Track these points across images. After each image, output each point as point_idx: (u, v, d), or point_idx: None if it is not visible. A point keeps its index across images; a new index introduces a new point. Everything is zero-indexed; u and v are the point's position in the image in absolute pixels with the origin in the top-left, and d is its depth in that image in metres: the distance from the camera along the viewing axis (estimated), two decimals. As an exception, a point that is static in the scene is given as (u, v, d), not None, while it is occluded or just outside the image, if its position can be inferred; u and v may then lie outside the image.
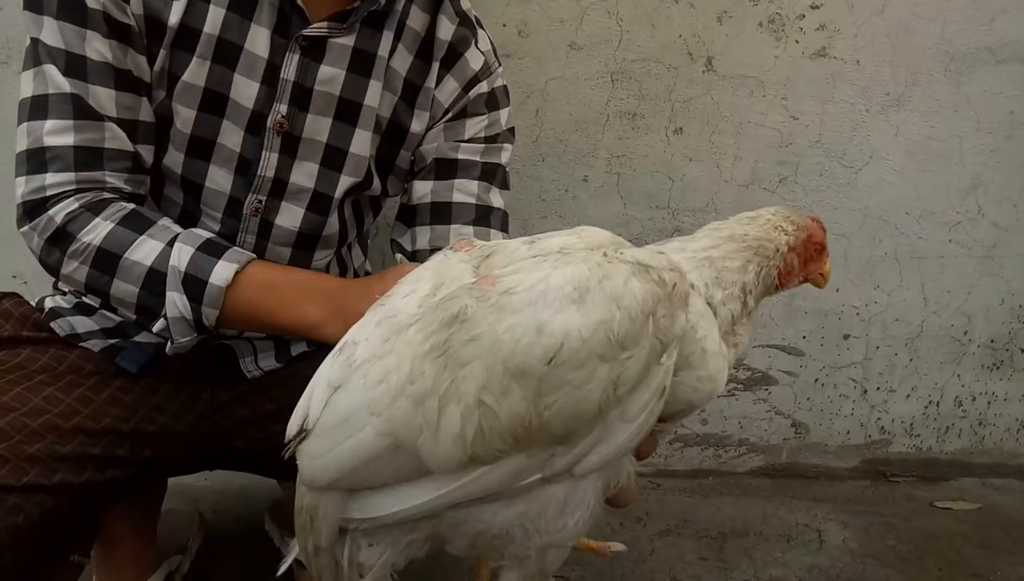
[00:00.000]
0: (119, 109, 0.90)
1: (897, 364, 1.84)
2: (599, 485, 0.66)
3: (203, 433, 1.03)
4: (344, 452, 0.63)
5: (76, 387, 0.96)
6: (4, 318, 1.01)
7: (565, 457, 0.63)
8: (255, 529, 1.46)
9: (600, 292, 0.61)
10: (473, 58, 1.06)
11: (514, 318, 0.60)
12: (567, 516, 0.65)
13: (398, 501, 0.64)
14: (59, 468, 0.89)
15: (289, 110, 0.96)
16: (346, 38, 0.97)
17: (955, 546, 1.61)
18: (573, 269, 0.62)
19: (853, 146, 1.69)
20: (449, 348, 0.61)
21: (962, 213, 1.76)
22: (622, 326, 0.60)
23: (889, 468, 1.90)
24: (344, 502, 0.66)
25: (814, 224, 0.77)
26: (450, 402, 0.60)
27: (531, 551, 0.65)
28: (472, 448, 0.61)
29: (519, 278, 0.63)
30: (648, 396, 0.63)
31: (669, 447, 1.85)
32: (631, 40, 1.58)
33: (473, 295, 0.63)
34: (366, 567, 0.68)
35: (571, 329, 0.59)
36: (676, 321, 0.63)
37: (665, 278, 0.64)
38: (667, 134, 1.64)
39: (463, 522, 0.65)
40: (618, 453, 0.64)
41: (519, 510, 0.64)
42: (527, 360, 0.59)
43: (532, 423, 0.60)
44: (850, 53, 1.63)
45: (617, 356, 0.60)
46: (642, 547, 1.55)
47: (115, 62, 0.89)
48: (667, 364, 0.63)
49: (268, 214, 1.01)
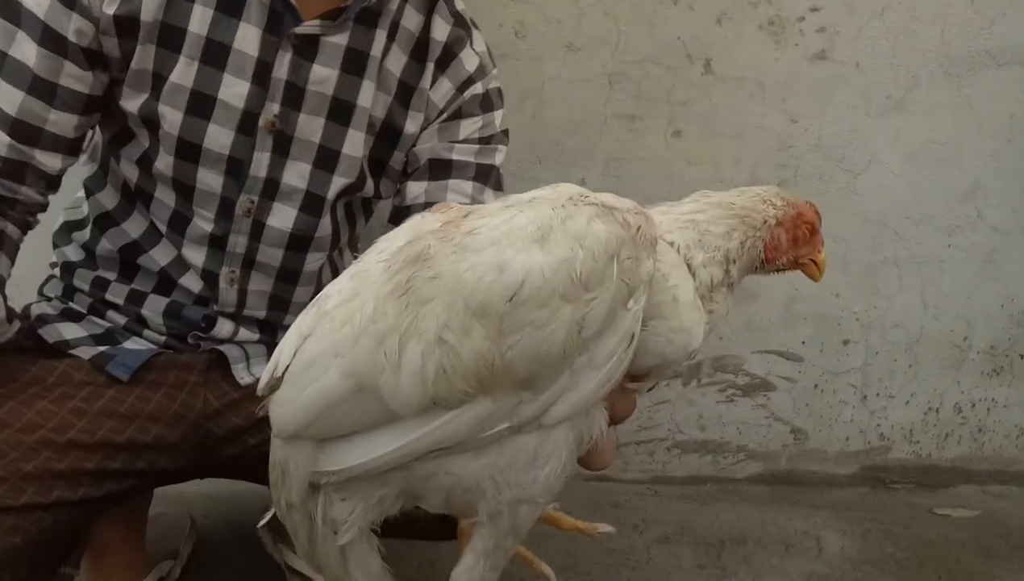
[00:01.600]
0: (21, 111, 0.88)
1: (896, 370, 1.83)
2: (570, 437, 0.65)
3: (196, 442, 1.02)
4: (310, 396, 0.63)
5: (68, 399, 0.94)
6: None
7: (532, 404, 0.62)
8: (247, 535, 1.45)
9: (563, 232, 0.61)
10: (468, 59, 1.06)
11: (476, 257, 0.61)
12: (537, 469, 0.65)
13: (367, 451, 0.64)
14: (55, 486, 0.88)
15: (281, 109, 0.95)
16: (339, 37, 0.96)
17: (954, 553, 1.60)
18: (537, 211, 0.63)
19: (853, 149, 1.68)
20: (411, 287, 0.61)
21: (962, 217, 1.75)
22: (585, 265, 0.60)
23: (888, 475, 1.89)
24: (314, 454, 0.66)
25: (807, 205, 0.77)
26: (411, 340, 0.60)
27: (503, 505, 0.65)
28: (434, 388, 0.60)
29: (484, 221, 0.63)
30: (616, 342, 0.62)
31: (667, 453, 1.83)
32: (629, 41, 1.57)
33: (437, 236, 0.63)
34: (339, 523, 0.67)
35: (533, 268, 0.60)
36: (642, 264, 0.63)
37: (629, 220, 0.64)
38: (666, 136, 1.63)
39: (433, 475, 0.65)
40: (587, 402, 0.64)
41: (488, 461, 0.64)
42: (488, 298, 0.59)
43: (495, 364, 0.60)
44: (850, 56, 1.62)
45: (580, 297, 0.60)
46: (639, 555, 1.54)
47: (37, 68, 0.88)
48: (635, 310, 0.62)
49: (260, 215, 1.00)
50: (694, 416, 1.82)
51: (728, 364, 1.80)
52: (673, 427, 1.82)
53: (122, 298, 1.04)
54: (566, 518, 0.87)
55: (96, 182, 1.06)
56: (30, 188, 0.93)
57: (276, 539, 1.35)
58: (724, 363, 1.80)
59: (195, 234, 1.00)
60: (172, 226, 1.01)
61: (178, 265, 1.03)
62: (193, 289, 1.03)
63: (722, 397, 1.81)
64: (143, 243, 1.03)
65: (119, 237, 1.03)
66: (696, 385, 1.80)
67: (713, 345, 1.78)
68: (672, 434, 1.83)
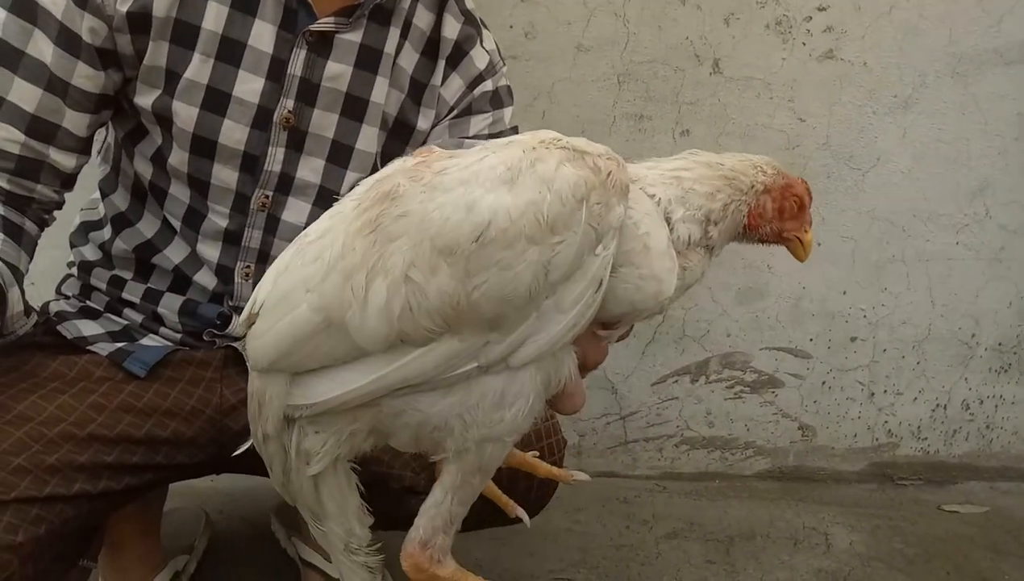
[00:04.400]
0: (39, 109, 0.90)
1: (904, 367, 1.83)
2: (538, 379, 0.66)
3: (213, 437, 1.04)
4: (283, 329, 0.64)
5: (88, 394, 0.96)
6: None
7: (500, 345, 0.62)
8: (261, 530, 1.47)
9: (531, 174, 0.61)
10: (478, 57, 1.07)
11: (444, 196, 0.61)
12: (504, 408, 0.65)
13: (337, 386, 0.65)
14: (77, 478, 0.89)
15: (296, 105, 0.97)
16: (353, 34, 0.97)
17: (962, 549, 1.60)
18: (507, 152, 0.63)
19: (860, 148, 1.69)
20: (380, 225, 0.61)
21: (970, 216, 1.76)
22: (552, 208, 0.60)
23: (896, 471, 1.89)
24: (288, 387, 0.67)
25: (798, 180, 0.75)
26: (377, 276, 0.61)
27: (470, 443, 0.65)
28: (400, 325, 0.61)
29: (455, 161, 0.64)
30: (583, 287, 0.62)
31: (675, 450, 1.84)
32: (638, 42, 1.58)
33: (407, 175, 0.63)
34: (311, 454, 0.69)
35: (500, 208, 0.60)
36: (612, 210, 0.62)
37: (600, 165, 0.63)
38: (674, 136, 1.64)
39: (402, 412, 0.65)
40: (553, 345, 0.64)
41: (456, 400, 0.64)
42: (455, 237, 0.60)
43: (461, 303, 0.60)
44: (857, 55, 1.63)
45: (547, 240, 0.60)
46: (648, 550, 1.55)
47: (53, 67, 0.90)
48: (603, 255, 0.62)
49: (275, 209, 1.01)
50: (702, 413, 1.83)
51: (736, 361, 1.80)
52: (681, 424, 1.83)
53: (138, 297, 1.06)
54: (542, 464, 0.89)
55: (109, 183, 1.08)
56: (45, 186, 0.94)
57: (290, 533, 1.37)
58: (732, 360, 1.80)
59: (210, 230, 1.02)
60: (187, 222, 1.02)
61: (192, 262, 1.04)
62: (208, 286, 1.04)
63: (730, 394, 1.82)
64: (157, 242, 1.04)
65: (133, 237, 1.05)
66: (704, 382, 1.81)
67: (720, 342, 1.78)
68: (680, 431, 1.84)
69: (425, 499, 0.96)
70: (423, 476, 1.00)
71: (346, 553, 0.74)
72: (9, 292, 0.87)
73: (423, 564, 0.69)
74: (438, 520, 0.69)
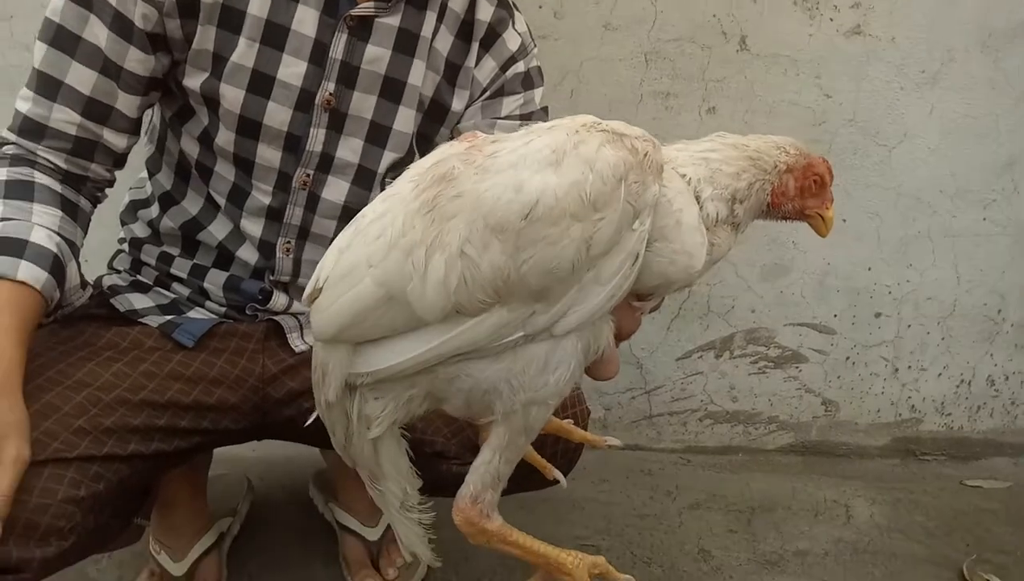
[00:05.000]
0: (94, 91, 0.94)
1: (929, 343, 1.85)
2: (578, 347, 0.70)
3: (256, 404, 1.08)
4: (346, 303, 0.69)
5: (140, 362, 1.01)
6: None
7: (544, 315, 0.67)
8: (299, 496, 1.53)
9: (575, 156, 0.65)
10: (511, 39, 1.10)
11: (496, 178, 0.65)
12: (548, 373, 0.69)
13: (397, 354, 0.69)
14: (131, 439, 0.95)
15: (336, 88, 1.00)
16: (391, 18, 1.00)
17: (984, 523, 1.62)
18: (552, 136, 0.67)
19: (887, 124, 1.69)
20: (437, 205, 0.66)
21: (997, 191, 1.76)
22: (594, 187, 0.64)
23: (919, 446, 1.91)
24: (350, 357, 0.71)
25: (820, 159, 0.78)
26: (436, 252, 0.65)
27: (516, 406, 0.70)
28: (456, 297, 0.66)
29: (504, 145, 0.68)
30: (621, 260, 0.67)
31: (699, 424, 1.88)
32: (665, 20, 1.60)
33: (461, 159, 0.68)
34: (372, 419, 0.73)
35: (547, 188, 0.64)
36: (648, 188, 0.67)
37: (638, 147, 0.67)
38: (700, 113, 1.66)
39: (455, 377, 0.70)
40: (593, 315, 0.68)
41: (505, 366, 0.69)
42: (506, 216, 0.64)
43: (511, 276, 0.65)
44: (885, 30, 1.63)
45: (589, 216, 0.64)
46: (671, 519, 1.59)
47: (107, 51, 0.94)
48: (639, 230, 0.67)
49: (316, 187, 1.05)
50: (726, 387, 1.86)
51: (760, 337, 1.83)
52: (705, 398, 1.86)
53: (185, 272, 1.10)
54: (577, 430, 0.94)
55: (154, 163, 1.12)
56: (99, 165, 0.99)
57: (328, 499, 1.42)
58: (756, 335, 1.83)
59: (253, 206, 1.06)
60: (231, 200, 1.06)
61: (236, 238, 1.08)
62: (250, 261, 1.08)
63: (754, 369, 1.85)
64: (201, 219, 1.09)
65: (179, 215, 1.09)
66: (728, 357, 1.83)
67: (745, 318, 1.81)
68: (704, 405, 1.87)
69: (453, 464, 1.01)
70: (453, 442, 1.05)
71: (401, 511, 0.79)
72: (68, 266, 0.92)
73: (473, 518, 0.74)
74: (487, 477, 0.73)
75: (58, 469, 0.86)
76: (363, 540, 1.34)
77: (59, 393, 0.92)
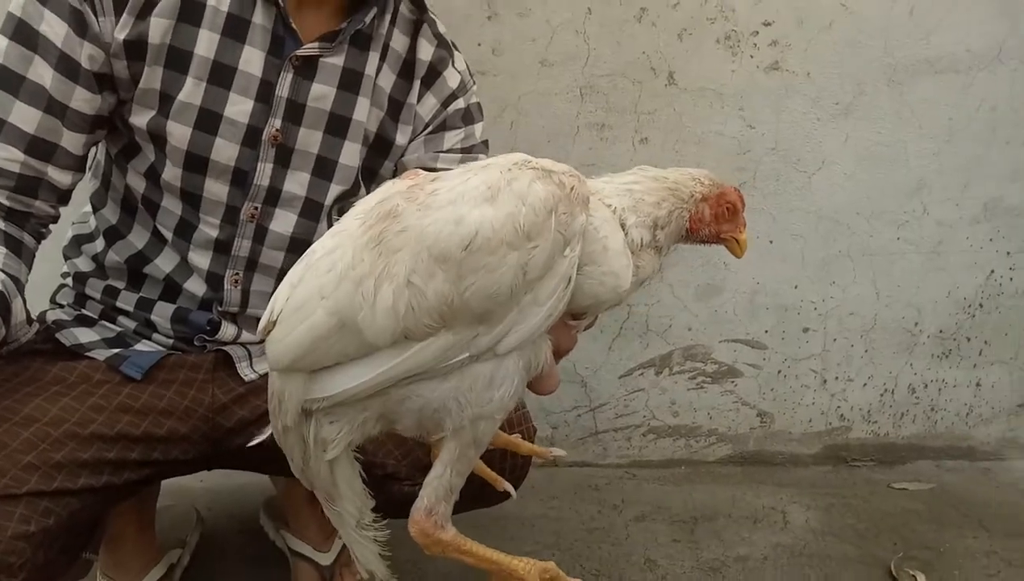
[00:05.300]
0: (38, 129, 0.95)
1: (853, 355, 1.95)
2: (520, 364, 0.76)
3: (206, 434, 1.09)
4: (301, 333, 0.73)
5: (89, 396, 1.01)
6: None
7: (488, 336, 0.73)
8: (250, 524, 1.52)
9: (509, 192, 0.72)
10: (451, 77, 1.15)
11: (437, 213, 0.71)
12: (494, 390, 0.74)
13: (350, 379, 0.74)
14: (81, 473, 0.95)
15: (283, 124, 1.03)
16: (336, 58, 1.04)
17: (909, 523, 1.71)
18: (487, 173, 0.74)
19: (806, 152, 1.80)
20: (384, 239, 0.71)
21: (909, 213, 1.88)
22: (527, 219, 0.70)
23: (849, 453, 2.01)
24: (306, 384, 0.76)
25: (732, 188, 0.86)
26: (384, 282, 0.70)
27: (465, 422, 0.75)
28: (404, 323, 0.71)
29: (443, 183, 0.74)
30: (555, 283, 0.73)
31: (643, 439, 1.94)
32: (598, 57, 1.68)
33: (404, 197, 0.74)
34: (328, 442, 0.77)
35: (484, 221, 0.70)
36: (576, 218, 0.73)
37: (565, 181, 0.74)
38: (633, 144, 1.74)
39: (407, 398, 0.75)
40: (532, 334, 0.74)
41: (452, 385, 0.74)
42: (448, 247, 0.69)
43: (455, 302, 0.70)
44: (801, 66, 1.74)
45: (524, 245, 0.70)
46: (618, 532, 1.64)
47: (52, 91, 0.95)
48: (570, 256, 0.73)
49: (264, 220, 1.07)
50: (667, 403, 1.92)
51: (697, 353, 1.90)
52: (648, 414, 1.93)
53: (132, 305, 1.11)
54: (525, 443, 0.99)
55: (99, 198, 1.12)
56: (43, 202, 0.99)
57: (279, 526, 1.43)
58: (693, 352, 1.90)
59: (201, 239, 1.07)
60: (178, 233, 1.07)
61: (183, 270, 1.09)
62: (197, 293, 1.09)
63: (693, 384, 1.92)
64: (148, 253, 1.09)
65: (125, 249, 1.10)
66: (668, 374, 1.91)
67: (682, 335, 1.88)
68: (647, 420, 1.93)
69: (404, 485, 1.04)
70: (404, 463, 1.08)
71: (358, 529, 0.83)
72: (13, 303, 0.92)
73: (428, 529, 0.77)
74: (440, 490, 0.77)
75: (7, 506, 0.86)
76: (316, 565, 1.35)
77: (7, 430, 0.92)
